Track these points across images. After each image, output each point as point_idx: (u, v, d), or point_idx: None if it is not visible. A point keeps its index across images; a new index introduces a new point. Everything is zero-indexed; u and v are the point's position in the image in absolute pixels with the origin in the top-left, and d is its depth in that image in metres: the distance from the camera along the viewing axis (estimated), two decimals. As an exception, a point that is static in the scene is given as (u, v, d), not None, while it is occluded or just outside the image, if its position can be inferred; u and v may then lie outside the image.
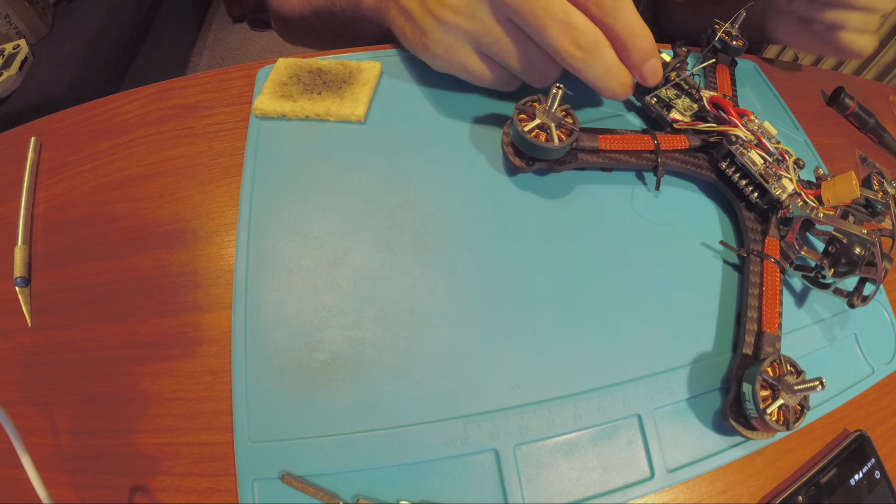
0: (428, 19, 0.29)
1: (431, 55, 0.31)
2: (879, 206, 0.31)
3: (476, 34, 0.29)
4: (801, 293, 0.31)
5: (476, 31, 0.28)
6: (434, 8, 0.29)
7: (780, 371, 0.25)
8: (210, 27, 1.71)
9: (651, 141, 0.32)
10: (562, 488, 0.24)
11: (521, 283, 0.28)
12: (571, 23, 0.26)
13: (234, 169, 0.31)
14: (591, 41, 0.26)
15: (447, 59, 0.31)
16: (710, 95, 0.33)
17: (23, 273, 0.28)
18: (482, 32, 0.28)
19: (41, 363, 0.26)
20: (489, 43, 0.29)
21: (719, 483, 0.25)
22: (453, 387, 0.25)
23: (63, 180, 0.32)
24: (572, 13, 0.26)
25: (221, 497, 0.23)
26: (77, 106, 0.35)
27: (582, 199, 0.32)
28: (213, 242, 0.29)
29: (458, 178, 0.31)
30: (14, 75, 0.90)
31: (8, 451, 0.20)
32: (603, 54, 0.27)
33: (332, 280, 0.27)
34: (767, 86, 0.43)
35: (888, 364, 0.30)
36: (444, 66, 0.31)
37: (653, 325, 0.28)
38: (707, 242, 0.31)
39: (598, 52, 0.27)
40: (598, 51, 0.27)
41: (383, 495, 0.23)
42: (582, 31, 0.26)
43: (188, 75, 0.36)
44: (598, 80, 0.28)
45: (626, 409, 0.26)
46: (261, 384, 0.24)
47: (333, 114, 0.32)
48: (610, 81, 0.28)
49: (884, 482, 0.27)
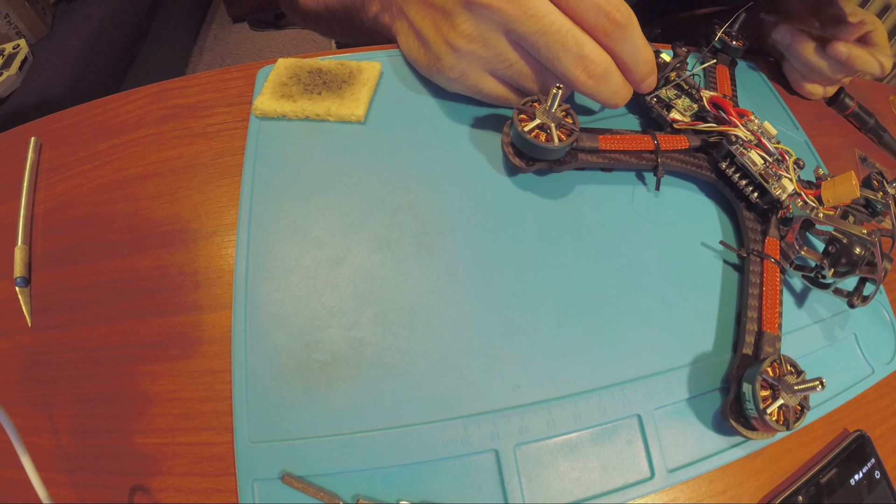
0: (442, 46, 0.30)
1: (446, 79, 0.32)
2: (879, 206, 0.31)
3: (490, 61, 0.29)
4: (801, 293, 0.31)
5: (490, 59, 0.29)
6: (448, 35, 0.29)
7: (780, 371, 0.25)
8: (210, 27, 1.71)
9: (651, 141, 0.32)
10: (562, 488, 0.24)
11: (521, 282, 0.28)
12: (584, 54, 0.27)
13: (234, 169, 0.31)
14: (602, 70, 0.28)
15: (461, 83, 0.31)
16: (710, 95, 0.33)
17: (23, 273, 0.28)
18: (496, 59, 0.29)
19: (41, 363, 0.26)
20: (503, 69, 0.29)
21: (719, 483, 0.25)
22: (453, 387, 0.25)
23: (63, 180, 0.32)
24: (584, 44, 0.27)
25: (221, 497, 0.23)
26: (77, 106, 0.35)
27: (582, 200, 0.32)
28: (213, 242, 0.29)
29: (458, 179, 0.31)
30: (14, 75, 0.90)
31: (8, 451, 0.20)
32: (611, 80, 0.28)
33: (332, 280, 0.27)
34: (767, 86, 0.43)
35: (888, 364, 0.30)
36: (458, 88, 0.32)
37: (653, 325, 0.28)
38: (707, 242, 0.31)
39: (608, 79, 0.28)
40: (608, 78, 0.28)
41: (383, 495, 0.23)
42: (594, 61, 0.27)
43: (188, 75, 0.36)
44: (604, 99, 0.29)
45: (627, 410, 0.26)
46: (261, 384, 0.24)
47: (333, 114, 0.32)
48: (615, 99, 0.29)
49: (884, 482, 0.27)
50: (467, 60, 0.29)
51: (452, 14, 0.28)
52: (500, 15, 0.27)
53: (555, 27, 0.26)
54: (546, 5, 0.27)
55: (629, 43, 0.28)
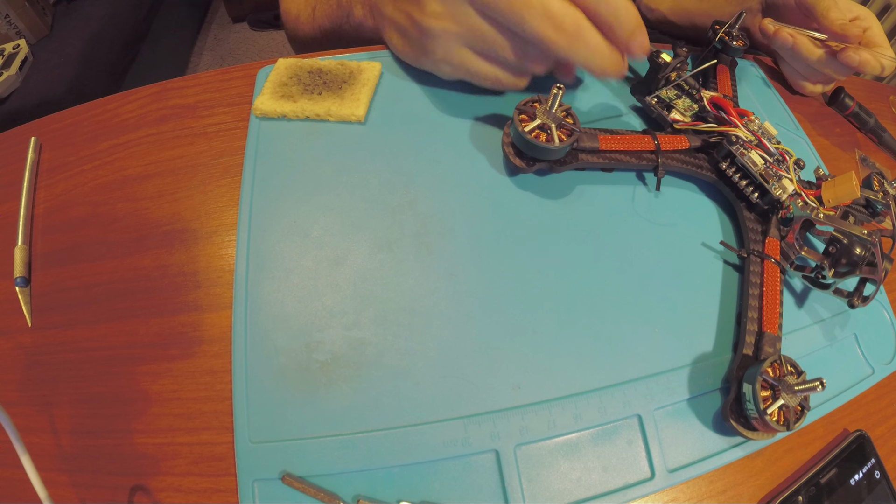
0: (416, 30, 0.30)
1: (432, 63, 0.32)
2: (880, 206, 0.31)
3: (465, 35, 0.29)
4: (801, 293, 0.31)
5: (464, 33, 0.29)
6: (419, 18, 0.29)
7: (780, 371, 0.25)
8: (210, 27, 1.70)
9: (651, 141, 0.32)
10: (562, 489, 0.24)
11: (521, 283, 0.28)
12: (550, 10, 0.26)
13: (234, 169, 0.31)
14: (572, 24, 0.26)
15: (448, 64, 0.31)
16: (711, 96, 0.33)
17: (23, 273, 0.28)
18: (469, 33, 0.29)
19: (41, 363, 0.26)
20: (479, 41, 0.29)
21: (719, 483, 0.25)
22: (454, 387, 0.25)
23: (63, 180, 0.32)
24: (549, 2, 0.26)
25: (222, 497, 0.23)
26: (77, 106, 0.35)
27: (582, 200, 0.32)
28: (214, 242, 0.29)
29: (459, 179, 0.31)
30: (14, 75, 0.90)
31: (8, 451, 0.20)
32: (586, 36, 0.27)
33: (332, 280, 0.27)
34: (767, 86, 0.43)
35: (888, 364, 0.30)
36: (448, 70, 0.32)
37: (653, 325, 0.28)
38: (707, 243, 0.31)
39: (581, 34, 0.27)
40: (581, 32, 0.27)
41: (384, 496, 0.23)
42: (561, 16, 0.26)
43: (188, 75, 0.36)
44: (586, 62, 0.28)
45: (627, 410, 0.26)
46: (261, 384, 0.24)
47: (333, 114, 0.32)
48: (598, 61, 0.28)
49: (884, 482, 0.27)
50: (444, 39, 0.29)
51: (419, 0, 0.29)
52: None
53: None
54: None
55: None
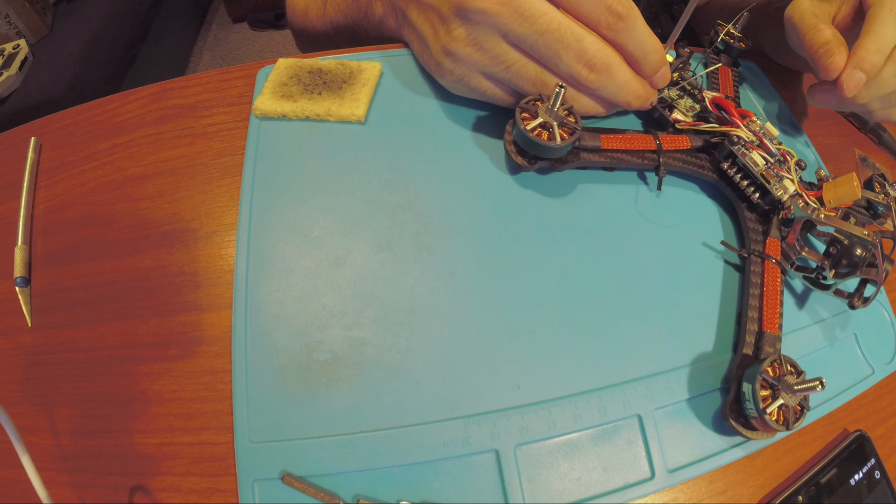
0: (439, 49, 0.30)
1: (447, 83, 0.32)
2: (881, 207, 0.31)
3: (487, 64, 0.29)
4: (801, 294, 0.31)
5: (487, 62, 0.29)
6: (444, 39, 0.29)
7: (780, 371, 0.25)
8: (210, 27, 1.70)
9: (653, 141, 0.32)
10: (562, 489, 0.24)
11: (521, 282, 0.28)
12: (584, 49, 0.27)
13: (234, 169, 0.31)
14: (603, 63, 0.27)
15: (464, 86, 0.31)
16: (713, 96, 0.33)
17: (23, 273, 0.28)
18: (494, 63, 0.28)
19: (41, 363, 0.26)
20: (500, 72, 0.29)
21: (719, 483, 0.25)
22: (453, 387, 0.25)
23: (63, 180, 0.32)
24: (584, 39, 0.26)
25: (222, 497, 0.23)
26: (77, 106, 0.35)
27: (583, 199, 0.32)
28: (214, 242, 0.29)
29: (459, 178, 0.31)
30: (14, 75, 0.90)
31: (8, 451, 0.20)
32: (616, 73, 0.28)
33: (332, 280, 0.27)
34: (768, 87, 0.43)
35: (888, 364, 0.30)
36: (460, 91, 0.32)
37: (653, 325, 0.28)
38: (708, 242, 0.31)
39: (611, 72, 0.28)
40: (611, 71, 0.27)
41: (384, 496, 0.23)
42: (595, 55, 0.27)
43: (188, 75, 0.36)
44: (613, 97, 0.29)
45: (627, 410, 0.26)
46: (261, 384, 0.24)
47: (334, 114, 0.32)
48: (625, 96, 0.29)
49: (884, 482, 0.27)
50: (465, 64, 0.29)
51: (448, 19, 0.28)
52: (495, 19, 0.26)
53: (553, 25, 0.26)
54: (542, 4, 0.26)
55: (634, 34, 0.27)
